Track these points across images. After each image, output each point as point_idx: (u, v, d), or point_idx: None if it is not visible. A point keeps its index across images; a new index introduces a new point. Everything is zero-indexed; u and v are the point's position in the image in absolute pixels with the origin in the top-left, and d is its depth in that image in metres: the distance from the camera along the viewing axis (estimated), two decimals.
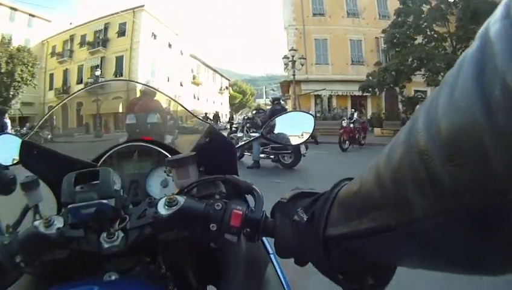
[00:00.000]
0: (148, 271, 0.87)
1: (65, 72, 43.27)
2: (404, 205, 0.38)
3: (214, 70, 71.79)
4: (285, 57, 26.98)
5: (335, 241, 0.56)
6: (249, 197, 0.89)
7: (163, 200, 0.78)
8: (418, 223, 0.37)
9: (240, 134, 11.89)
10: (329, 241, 0.57)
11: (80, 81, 40.22)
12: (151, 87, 1.67)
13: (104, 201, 0.80)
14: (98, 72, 33.16)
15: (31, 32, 42.19)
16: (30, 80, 32.03)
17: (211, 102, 65.63)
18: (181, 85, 49.64)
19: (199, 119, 1.36)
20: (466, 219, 0.32)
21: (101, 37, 41.33)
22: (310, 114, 1.39)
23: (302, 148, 9.91)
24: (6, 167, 1.52)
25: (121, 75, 39.04)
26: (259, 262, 1.06)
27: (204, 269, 1.05)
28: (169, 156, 1.19)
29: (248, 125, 11.97)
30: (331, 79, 32.53)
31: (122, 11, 40.02)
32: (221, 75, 77.83)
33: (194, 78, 56.40)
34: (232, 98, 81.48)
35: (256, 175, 9.43)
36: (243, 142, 2.67)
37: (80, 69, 41.62)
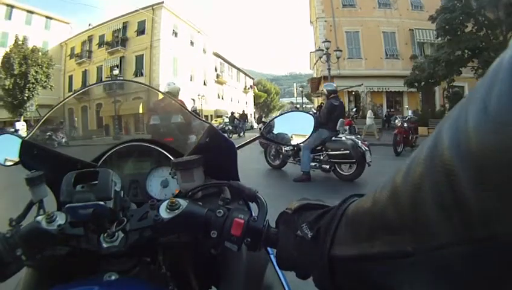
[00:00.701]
0: (148, 271, 0.88)
1: (84, 73, 42.48)
2: (424, 229, 0.35)
3: (238, 69, 69.77)
4: (319, 49, 24.40)
5: (341, 262, 0.54)
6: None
7: (165, 203, 0.80)
8: (438, 251, 0.34)
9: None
10: (334, 261, 0.55)
11: (99, 82, 38.82)
12: (152, 88, 1.77)
13: (101, 203, 0.80)
14: (116, 72, 31.79)
15: (49, 35, 42.07)
16: (45, 81, 31.15)
17: (236, 101, 64.05)
18: (205, 84, 48.03)
19: (199, 119, 1.37)
20: (496, 251, 0.29)
21: (119, 37, 40.06)
22: (310, 114, 1.35)
23: (368, 156, 7.46)
24: None
25: (142, 75, 38.09)
26: (259, 263, 1.05)
27: (206, 271, 1.03)
28: (169, 156, 1.24)
29: None
30: (365, 74, 30.32)
31: (141, 9, 38.46)
32: (246, 74, 75.76)
33: (217, 76, 54.67)
34: (256, 98, 79.65)
35: (305, 190, 7.25)
36: (243, 143, 1.48)
37: (99, 70, 40.71)
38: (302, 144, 6.96)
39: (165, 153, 1.26)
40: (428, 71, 21.92)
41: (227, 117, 39.48)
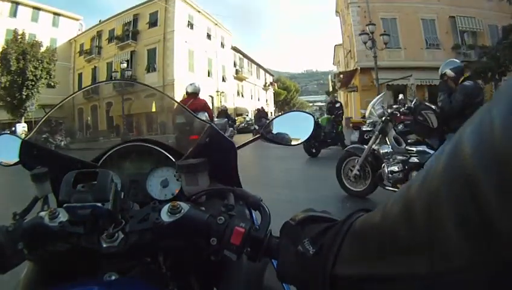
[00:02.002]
0: (149, 271, 0.88)
1: (94, 70, 40.03)
2: (440, 249, 0.32)
3: (258, 65, 66.10)
4: (363, 32, 20.62)
5: (345, 281, 0.51)
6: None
7: (166, 206, 0.80)
8: (455, 275, 0.31)
9: None
10: (337, 280, 0.53)
11: (109, 79, 36.12)
12: (153, 88, 1.56)
13: (99, 204, 0.81)
14: (124, 65, 29.58)
15: (57, 32, 40.61)
16: (46, 78, 28.69)
17: (256, 99, 60.54)
18: (223, 80, 44.71)
19: (199, 119, 1.33)
20: None
21: (130, 30, 37.02)
22: (310, 114, 1.35)
23: None
24: None
25: (154, 70, 35.12)
26: (260, 264, 0.98)
27: (206, 272, 1.03)
28: (170, 156, 1.24)
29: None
30: (405, 66, 26.69)
31: None
32: (266, 70, 72.30)
33: (237, 72, 50.98)
34: (276, 95, 76.65)
35: None
36: (243, 143, 1.34)
37: (110, 66, 37.77)
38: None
39: (165, 153, 1.26)
40: (504, 59, 18.34)
41: (247, 115, 37.59)
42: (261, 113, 26.57)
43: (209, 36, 42.67)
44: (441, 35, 28.91)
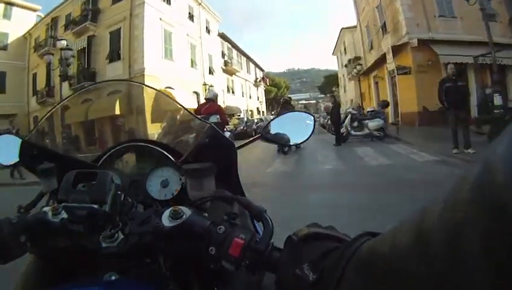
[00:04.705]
0: (149, 271, 0.89)
1: (48, 67, 30.12)
2: None
3: (248, 57, 56.82)
4: None
5: None
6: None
7: (168, 211, 0.80)
8: None
9: None
10: None
11: (65, 78, 27.89)
12: (151, 87, 1.51)
13: (95, 206, 0.84)
14: (61, 43, 19.80)
15: (9, 25, 34.37)
16: None
17: (247, 96, 52.74)
18: (211, 73, 36.38)
19: (198, 118, 1.36)
20: None
21: (89, 9, 28.34)
22: (310, 114, 1.37)
23: None
24: None
25: (118, 58, 26.70)
26: None
27: (206, 272, 1.01)
28: (170, 156, 1.25)
29: None
30: (461, 39, 20.19)
31: None
32: (256, 64, 63.19)
33: (226, 64, 42.20)
34: (266, 93, 70.04)
35: None
36: (243, 143, 1.42)
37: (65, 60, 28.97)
38: None
39: (165, 153, 1.27)
40: None
41: (239, 115, 33.72)
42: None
43: (191, 17, 33.29)
44: (495, 4, 21.79)
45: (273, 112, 61.33)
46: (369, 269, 0.43)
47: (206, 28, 37.14)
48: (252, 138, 1.34)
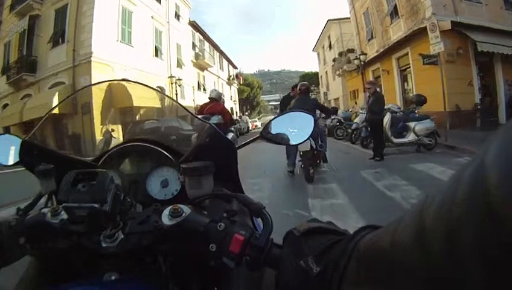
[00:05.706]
0: (149, 271, 0.89)
1: None
2: (461, 287, 0.29)
3: (221, 52, 52.23)
4: None
5: None
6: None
7: (168, 209, 0.81)
8: None
9: None
10: None
11: (5, 69, 23.46)
12: (149, 86, 1.46)
13: (96, 205, 0.83)
14: None
15: None
16: None
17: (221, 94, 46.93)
18: (179, 66, 31.20)
19: (198, 118, 1.36)
20: None
21: None
22: (310, 114, 1.35)
23: None
24: None
25: (63, 41, 21.34)
26: None
27: (206, 272, 1.03)
28: (170, 156, 1.25)
29: None
30: (485, 26, 17.08)
31: None
32: (229, 60, 58.76)
33: (197, 57, 37.28)
34: (239, 92, 66.55)
35: None
36: (243, 143, 1.40)
37: (7, 47, 23.83)
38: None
39: (165, 153, 1.27)
40: None
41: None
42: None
43: None
44: None
45: (245, 113, 57.89)
46: (372, 261, 0.44)
47: (176, 13, 32.03)
48: (252, 138, 1.31)
